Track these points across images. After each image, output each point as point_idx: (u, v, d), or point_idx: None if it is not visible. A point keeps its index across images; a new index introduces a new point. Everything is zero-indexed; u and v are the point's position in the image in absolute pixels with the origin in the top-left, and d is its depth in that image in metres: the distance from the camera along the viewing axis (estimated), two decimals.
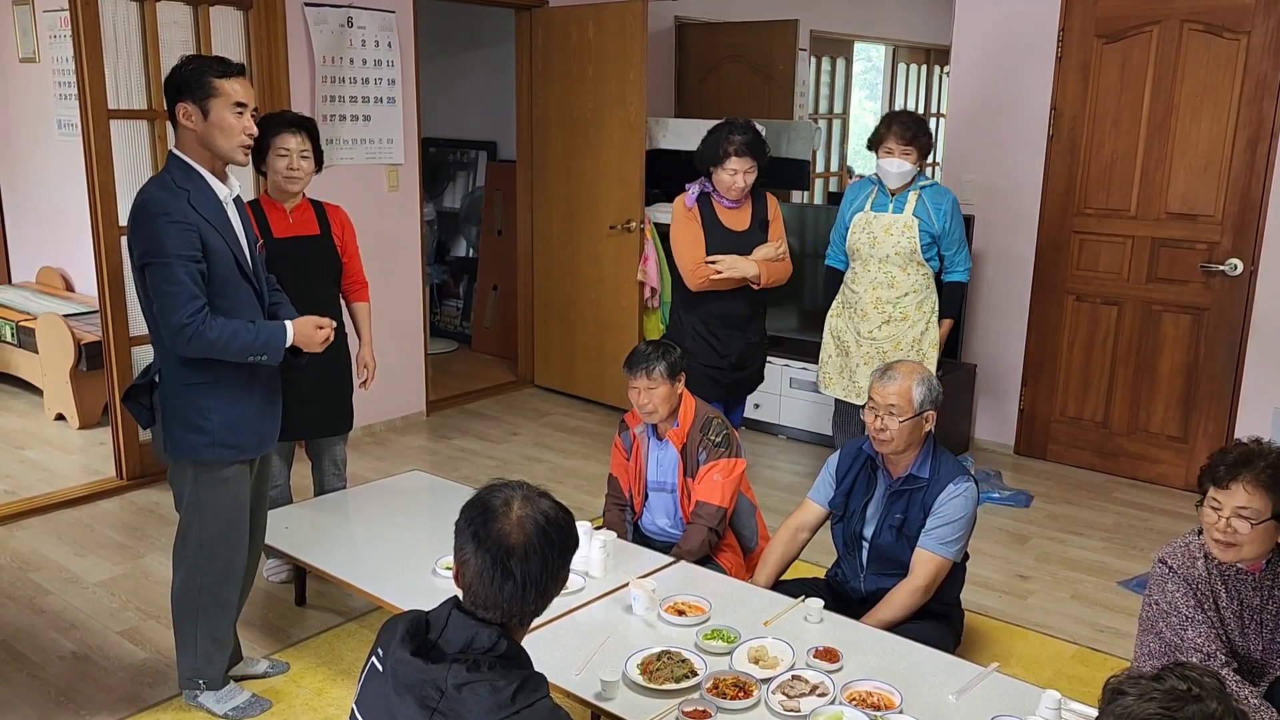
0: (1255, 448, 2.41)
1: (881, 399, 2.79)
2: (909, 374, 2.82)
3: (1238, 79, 4.25)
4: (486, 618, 1.61)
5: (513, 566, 1.58)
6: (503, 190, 6.57)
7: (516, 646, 1.64)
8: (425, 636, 1.62)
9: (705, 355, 3.84)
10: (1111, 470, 4.79)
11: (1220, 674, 1.43)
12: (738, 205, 3.84)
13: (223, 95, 2.52)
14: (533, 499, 1.65)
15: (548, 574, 1.62)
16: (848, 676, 2.34)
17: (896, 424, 2.76)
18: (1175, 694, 1.35)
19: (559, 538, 1.64)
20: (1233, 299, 4.40)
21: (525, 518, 1.61)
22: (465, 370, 6.43)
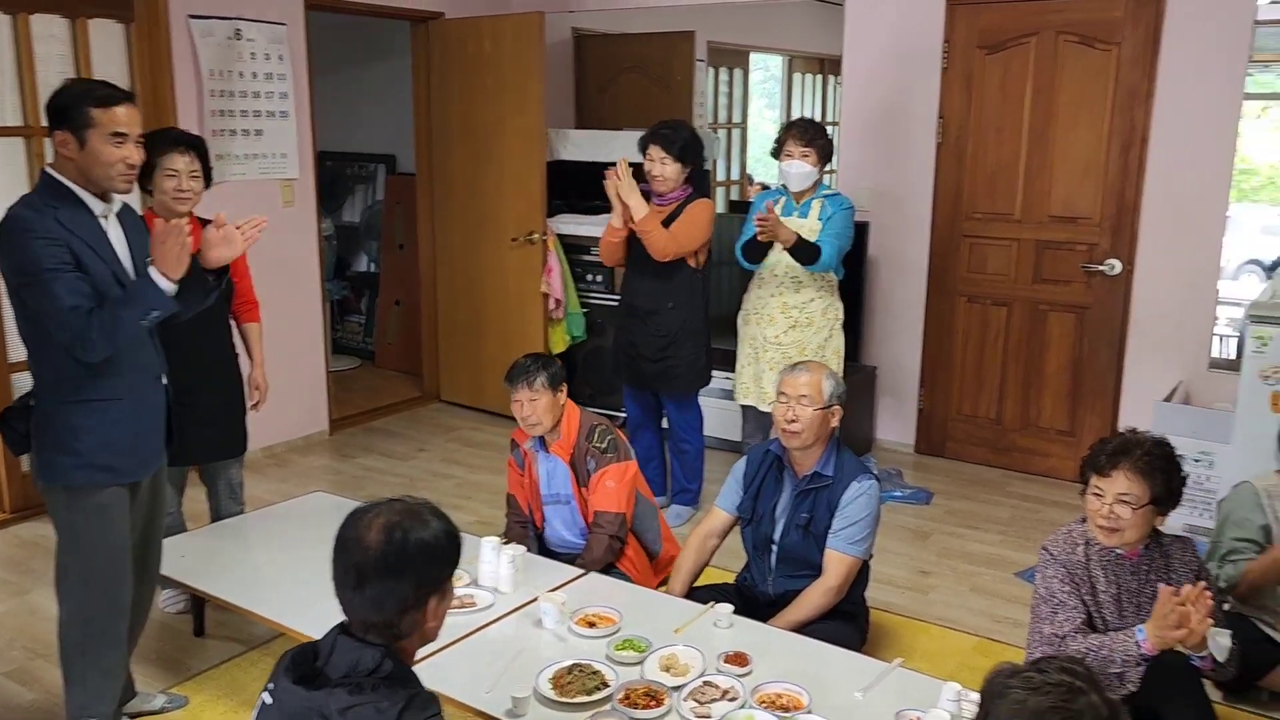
0: (1133, 437, 2.54)
1: (793, 390, 2.87)
2: (818, 368, 2.95)
3: (1110, 88, 4.46)
4: (370, 639, 1.59)
5: (366, 582, 1.58)
6: (403, 203, 6.49)
7: (404, 668, 1.63)
8: (311, 664, 1.60)
9: (622, 340, 4.27)
10: (1006, 465, 4.96)
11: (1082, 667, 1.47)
12: (664, 203, 4.06)
13: (99, 126, 2.40)
14: (404, 513, 1.63)
15: (406, 585, 1.60)
16: (757, 680, 2.37)
17: (809, 413, 2.83)
18: (1066, 686, 1.39)
19: (417, 549, 1.61)
20: (1112, 297, 4.60)
21: (386, 531, 1.60)
22: (369, 387, 6.32)
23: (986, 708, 1.44)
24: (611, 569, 3.16)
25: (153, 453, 2.66)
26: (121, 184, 2.48)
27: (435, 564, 1.64)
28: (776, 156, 4.02)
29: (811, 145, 3.88)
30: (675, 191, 4.07)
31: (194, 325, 3.31)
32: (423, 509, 1.68)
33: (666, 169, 4.00)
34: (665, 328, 4.11)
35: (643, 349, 4.15)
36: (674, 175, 4.02)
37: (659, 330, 4.11)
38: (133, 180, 2.52)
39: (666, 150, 3.99)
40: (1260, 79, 9.22)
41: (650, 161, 4.02)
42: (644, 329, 4.13)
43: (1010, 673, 1.45)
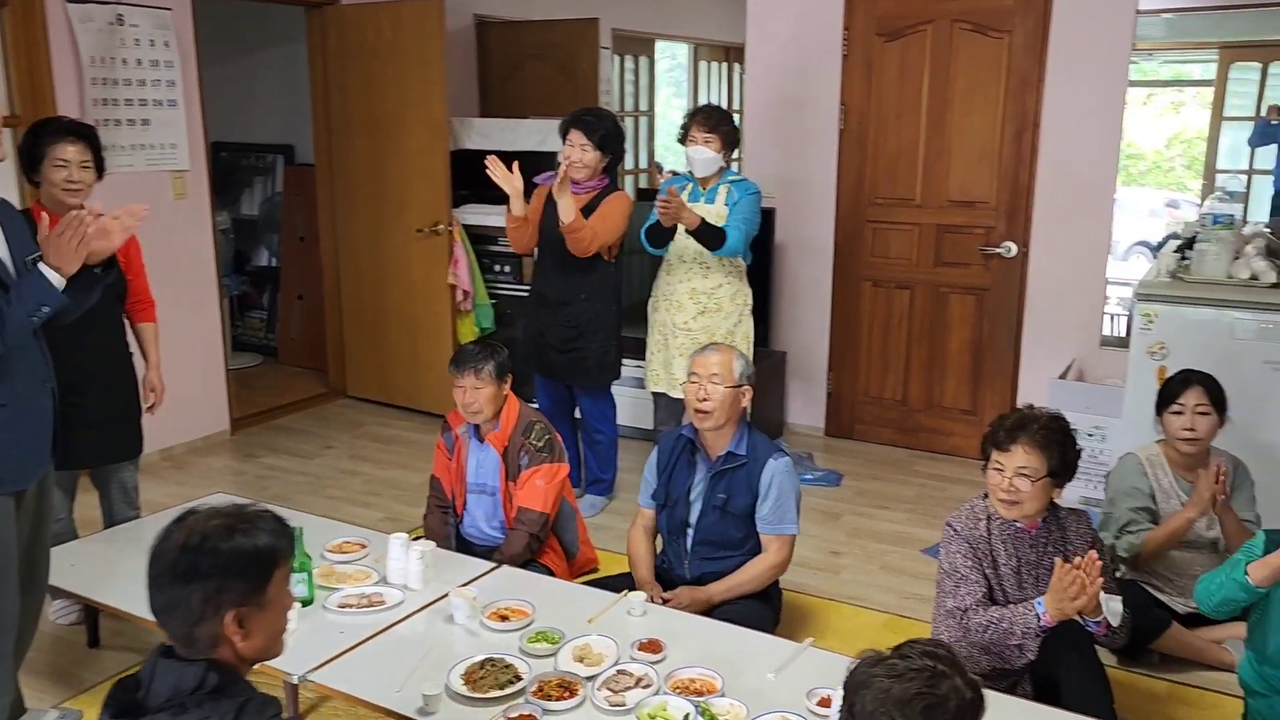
0: (1030, 413, 2.62)
1: (704, 370, 2.90)
2: (728, 349, 2.98)
3: (1003, 75, 4.58)
4: (189, 655, 1.53)
5: (158, 586, 1.53)
6: (303, 195, 6.31)
7: (231, 676, 1.55)
8: (132, 695, 1.52)
9: (532, 329, 4.23)
10: (912, 445, 5.07)
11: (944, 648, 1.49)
12: (581, 191, 3.98)
13: None
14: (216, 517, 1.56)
15: (192, 596, 1.50)
16: (671, 666, 2.38)
17: (720, 391, 2.86)
18: (929, 671, 1.41)
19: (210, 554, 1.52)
20: (1009, 279, 4.74)
21: (188, 540, 1.53)
22: (272, 384, 6.14)
23: (851, 699, 1.44)
24: (533, 563, 3.13)
25: (38, 460, 2.53)
26: None
27: (229, 576, 1.52)
28: (683, 143, 4.03)
29: (715, 131, 3.89)
30: (592, 181, 4.01)
31: (84, 324, 3.15)
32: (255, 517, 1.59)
33: (586, 156, 3.93)
34: (576, 319, 4.08)
35: (552, 339, 4.12)
36: (593, 163, 3.96)
37: (569, 321, 4.08)
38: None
39: (588, 137, 3.93)
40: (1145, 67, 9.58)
41: (570, 147, 3.95)
42: (554, 319, 4.10)
43: (873, 661, 1.46)
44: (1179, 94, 10.94)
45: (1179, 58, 8.93)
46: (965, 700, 1.42)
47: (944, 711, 1.39)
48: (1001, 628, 2.51)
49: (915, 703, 1.38)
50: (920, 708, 1.38)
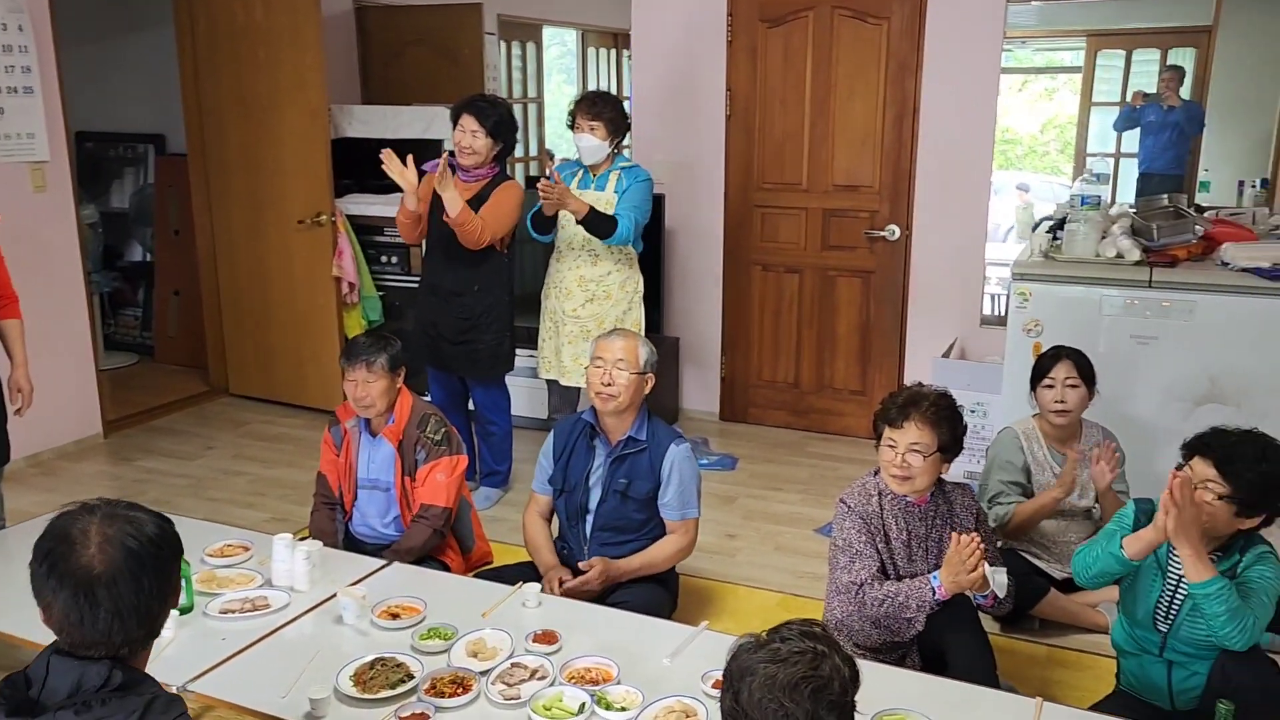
0: (920, 391, 2.69)
1: (609, 355, 2.89)
2: (634, 335, 3.00)
3: (883, 61, 4.68)
4: (91, 655, 1.47)
5: (101, 597, 1.45)
6: (176, 186, 6.05)
7: (135, 674, 1.51)
8: (24, 693, 1.45)
9: (423, 320, 4.14)
10: (805, 427, 5.16)
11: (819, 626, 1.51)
12: (470, 179, 3.91)
13: None
14: (115, 517, 1.51)
15: (146, 595, 1.49)
16: (567, 656, 2.35)
17: (625, 377, 2.86)
18: (810, 653, 1.42)
19: (152, 555, 1.51)
20: (893, 261, 4.85)
21: (108, 540, 1.47)
22: (149, 384, 5.89)
23: (735, 686, 1.44)
24: (429, 559, 3.08)
25: None
26: None
27: (169, 568, 1.54)
28: (572, 129, 4.00)
29: (599, 118, 3.87)
30: (483, 169, 3.93)
31: None
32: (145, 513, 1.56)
33: (478, 142, 3.85)
34: (469, 310, 4.01)
35: (445, 331, 4.04)
36: (484, 149, 3.87)
37: (462, 313, 4.01)
38: None
39: (481, 123, 3.84)
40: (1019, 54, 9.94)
41: (461, 132, 3.86)
42: (447, 311, 4.02)
43: (753, 647, 1.46)
44: (1052, 80, 11.41)
45: (1050, 45, 9.31)
46: (845, 678, 1.44)
47: (830, 691, 1.41)
48: (897, 601, 2.57)
49: (802, 687, 1.39)
50: (808, 691, 1.39)
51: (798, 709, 1.38)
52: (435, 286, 4.06)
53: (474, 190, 3.92)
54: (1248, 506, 2.30)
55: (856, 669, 1.48)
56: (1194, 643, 2.40)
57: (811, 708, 1.39)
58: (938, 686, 2.33)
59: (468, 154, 3.87)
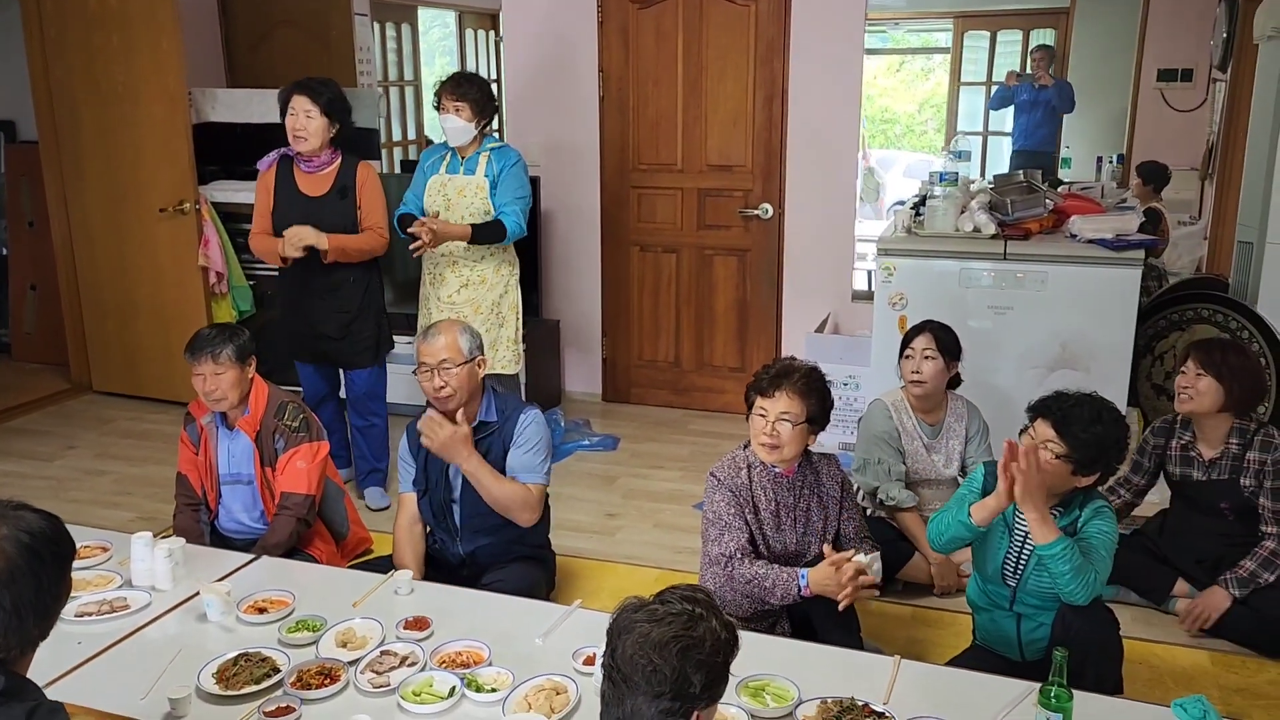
0: (791, 364, 2.77)
1: (433, 358, 2.83)
2: (450, 327, 2.90)
3: (751, 42, 4.75)
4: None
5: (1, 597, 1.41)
6: (29, 176, 5.75)
7: (18, 679, 1.49)
8: None
9: (295, 319, 3.97)
10: (687, 405, 5.23)
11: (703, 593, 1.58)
12: (315, 168, 3.80)
13: None
14: (7, 515, 1.48)
15: (45, 593, 1.49)
16: (438, 641, 2.35)
17: (455, 373, 2.82)
18: (685, 615, 1.48)
19: (49, 550, 1.50)
20: (767, 239, 4.95)
21: (3, 539, 1.45)
22: (5, 383, 5.61)
23: (613, 644, 1.49)
24: (297, 553, 3.02)
25: None
26: None
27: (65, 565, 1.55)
28: (438, 110, 3.95)
29: (464, 99, 3.82)
30: (323, 154, 3.83)
31: None
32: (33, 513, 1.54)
33: (312, 124, 3.74)
34: (349, 303, 3.91)
35: (324, 328, 3.92)
36: (319, 131, 3.76)
37: (342, 307, 3.90)
38: None
39: (314, 101, 3.73)
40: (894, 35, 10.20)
41: (293, 116, 3.75)
42: (324, 306, 3.90)
43: (635, 607, 1.52)
44: (928, 61, 11.74)
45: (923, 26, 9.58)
46: (720, 640, 1.49)
47: (699, 651, 1.46)
48: (765, 585, 2.63)
49: (672, 645, 1.44)
50: (676, 650, 1.44)
51: (665, 665, 1.43)
52: (307, 285, 3.90)
53: (329, 181, 3.83)
54: (1083, 465, 2.43)
55: (735, 636, 1.54)
56: (1040, 595, 2.54)
57: (679, 664, 1.44)
58: (804, 652, 2.40)
59: (302, 138, 3.76)
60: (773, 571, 2.64)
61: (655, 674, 1.43)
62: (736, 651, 1.54)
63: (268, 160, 3.89)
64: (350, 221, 3.84)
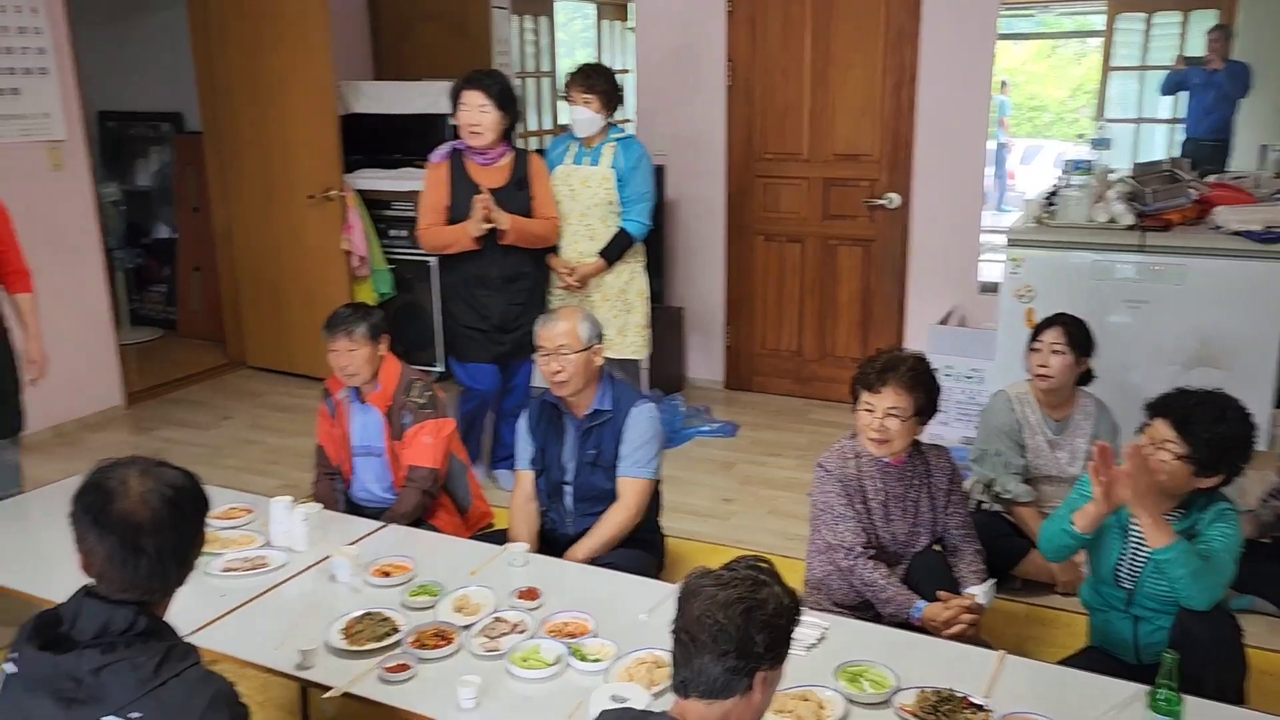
0: (897, 355, 2.75)
1: (550, 342, 2.90)
2: (570, 314, 2.97)
3: (882, 29, 4.69)
4: (121, 599, 1.58)
5: (144, 543, 1.56)
6: (194, 165, 6.18)
7: (157, 621, 1.62)
8: (55, 630, 1.57)
9: (467, 316, 3.91)
10: (808, 394, 5.22)
11: (766, 562, 1.61)
12: (490, 160, 3.78)
13: None
14: (151, 471, 1.62)
15: (182, 539, 1.62)
16: (547, 611, 2.44)
17: (571, 359, 2.89)
18: (750, 579, 1.54)
19: (187, 502, 1.63)
20: (894, 230, 4.88)
21: (147, 491, 1.58)
22: (171, 357, 6.06)
23: (682, 607, 1.56)
24: (423, 523, 3.17)
25: None
26: None
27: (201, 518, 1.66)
28: (567, 102, 4.04)
29: (592, 91, 3.90)
30: (496, 148, 3.85)
31: None
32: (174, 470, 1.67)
33: (486, 117, 3.73)
34: (523, 294, 3.90)
35: (500, 320, 3.88)
36: (493, 125, 3.75)
37: (517, 298, 3.88)
38: None
39: (487, 95, 3.72)
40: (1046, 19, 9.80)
41: (467, 110, 3.73)
42: (500, 299, 3.84)
43: (703, 574, 1.58)
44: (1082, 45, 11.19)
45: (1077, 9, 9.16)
46: (783, 604, 1.55)
47: (763, 611, 1.51)
48: (879, 595, 2.64)
49: (737, 605, 1.50)
50: (741, 610, 1.50)
51: (730, 624, 1.49)
52: (485, 277, 3.85)
53: (506, 173, 3.81)
54: (1205, 466, 2.34)
55: (797, 603, 1.59)
56: (1158, 598, 2.46)
57: (743, 624, 1.49)
58: (905, 641, 2.39)
59: (476, 132, 3.74)
60: (892, 587, 2.63)
61: (721, 633, 1.49)
62: (799, 618, 1.59)
63: (441, 154, 3.86)
64: (527, 212, 3.85)
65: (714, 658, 1.49)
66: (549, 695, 2.15)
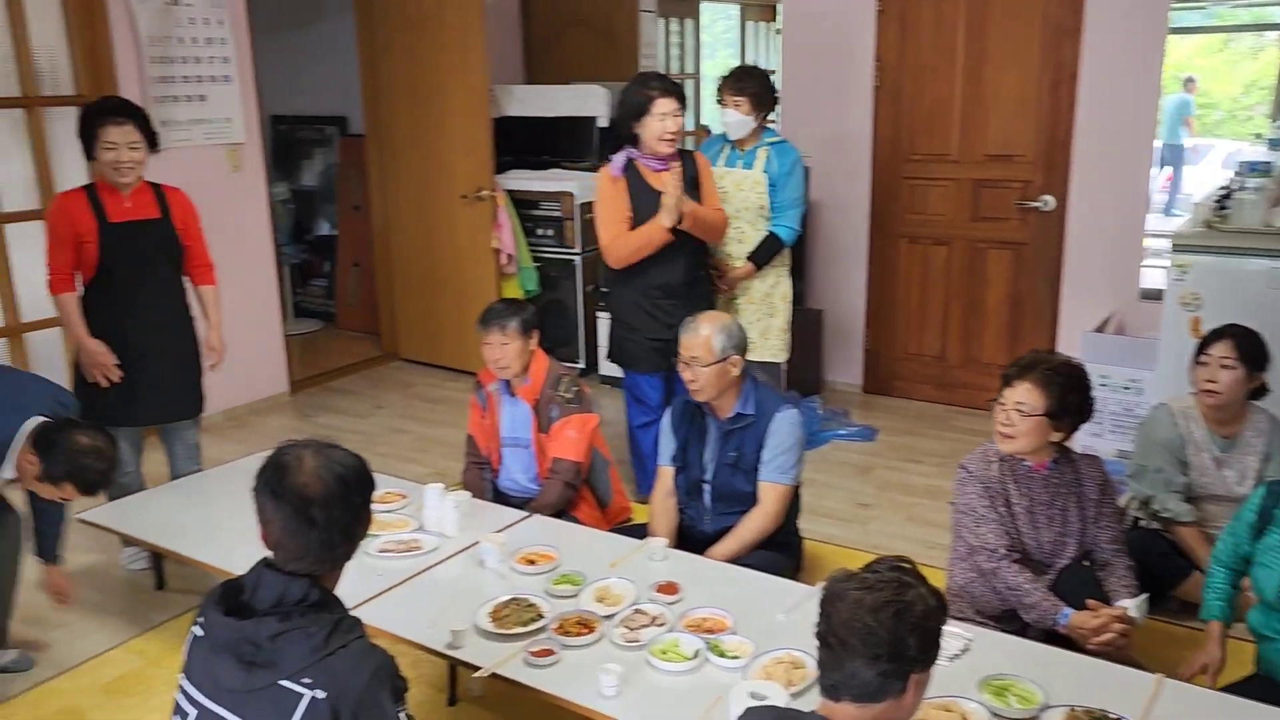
0: (1043, 355, 2.69)
1: (686, 351, 2.94)
2: (710, 323, 2.96)
3: (1038, 26, 4.54)
4: (296, 570, 1.69)
5: (314, 514, 1.67)
6: (355, 165, 6.50)
7: (328, 594, 1.73)
8: (237, 598, 1.70)
9: (651, 329, 3.74)
10: (950, 401, 5.10)
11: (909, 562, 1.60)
12: (666, 165, 3.63)
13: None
14: (323, 450, 1.73)
15: (349, 514, 1.72)
16: (686, 606, 2.48)
17: (703, 371, 2.91)
18: (895, 581, 1.53)
19: (355, 480, 1.74)
20: (1047, 233, 4.72)
21: (319, 467, 1.70)
22: (330, 348, 6.39)
23: (827, 610, 1.55)
24: (565, 515, 3.25)
25: None
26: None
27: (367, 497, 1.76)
28: (720, 105, 4.06)
29: (743, 93, 3.90)
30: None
31: (147, 291, 3.40)
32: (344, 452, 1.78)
33: (679, 124, 3.62)
34: (704, 300, 3.79)
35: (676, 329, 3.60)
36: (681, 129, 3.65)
37: (699, 304, 3.68)
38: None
39: (682, 102, 3.62)
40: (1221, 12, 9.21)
41: (662, 118, 3.57)
42: (684, 306, 3.58)
43: (845, 576, 1.57)
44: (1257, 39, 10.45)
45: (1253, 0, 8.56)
46: (930, 606, 1.53)
47: (912, 614, 1.50)
48: (1024, 601, 2.57)
49: (886, 609, 1.50)
50: (891, 613, 1.49)
51: (880, 628, 1.49)
52: (668, 285, 3.71)
53: (680, 177, 3.59)
54: None
55: (943, 603, 1.57)
56: None
57: (894, 627, 1.49)
58: (1054, 657, 2.32)
59: (671, 140, 3.59)
60: (1037, 592, 2.56)
61: (871, 636, 1.48)
62: (945, 619, 1.57)
63: (619, 167, 3.67)
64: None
65: (866, 662, 1.49)
66: (688, 688, 2.19)
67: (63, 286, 3.35)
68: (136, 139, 3.28)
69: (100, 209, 3.32)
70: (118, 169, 3.26)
